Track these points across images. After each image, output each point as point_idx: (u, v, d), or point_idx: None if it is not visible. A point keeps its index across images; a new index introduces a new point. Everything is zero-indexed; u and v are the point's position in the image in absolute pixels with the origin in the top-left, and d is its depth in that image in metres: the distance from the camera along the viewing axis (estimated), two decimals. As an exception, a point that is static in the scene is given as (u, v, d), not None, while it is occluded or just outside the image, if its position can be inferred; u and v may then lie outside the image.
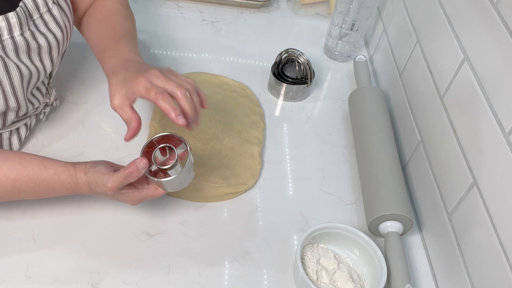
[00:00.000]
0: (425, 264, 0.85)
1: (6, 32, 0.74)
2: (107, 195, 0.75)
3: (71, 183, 0.74)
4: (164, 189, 0.75)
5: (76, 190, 0.75)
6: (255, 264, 0.80)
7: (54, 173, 0.74)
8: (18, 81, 0.77)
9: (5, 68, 0.75)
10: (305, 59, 1.06)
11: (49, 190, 0.75)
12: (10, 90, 0.77)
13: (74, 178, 0.74)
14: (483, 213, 0.70)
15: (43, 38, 0.79)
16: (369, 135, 0.94)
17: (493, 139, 0.69)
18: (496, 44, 0.70)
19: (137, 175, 0.72)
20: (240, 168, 0.90)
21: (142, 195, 0.75)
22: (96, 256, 0.77)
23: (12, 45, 0.75)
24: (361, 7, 1.11)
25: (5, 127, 0.84)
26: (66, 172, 0.74)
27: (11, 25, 0.74)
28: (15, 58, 0.76)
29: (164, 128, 0.93)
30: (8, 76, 0.75)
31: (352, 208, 0.90)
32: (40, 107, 0.89)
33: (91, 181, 0.74)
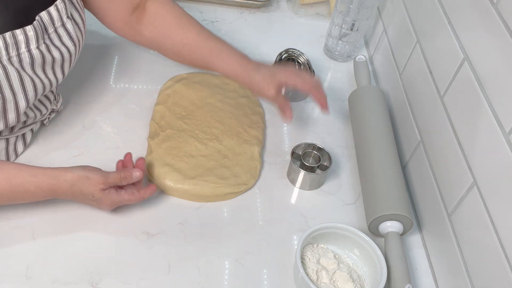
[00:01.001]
0: (425, 264, 0.85)
1: (24, 45, 0.74)
2: (89, 194, 0.75)
3: (49, 184, 0.74)
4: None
5: (54, 190, 0.75)
6: (255, 264, 0.80)
7: (31, 174, 0.74)
8: (32, 94, 0.77)
9: (21, 82, 0.75)
10: (305, 59, 1.05)
11: (25, 193, 0.74)
12: (25, 103, 0.77)
13: (54, 178, 0.74)
14: (483, 213, 0.70)
15: (57, 52, 0.80)
16: (369, 135, 0.94)
17: (493, 139, 0.69)
18: (496, 44, 0.70)
19: (129, 181, 0.78)
20: (240, 168, 0.90)
21: (121, 197, 0.78)
22: (96, 256, 0.77)
23: (29, 58, 0.75)
24: (361, 7, 1.11)
25: (13, 133, 0.84)
26: (43, 172, 0.74)
27: (28, 38, 0.74)
28: (31, 72, 0.77)
29: (164, 129, 0.93)
30: (23, 89, 0.76)
31: (352, 208, 0.90)
32: (47, 113, 0.90)
33: (78, 176, 0.74)
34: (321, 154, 0.92)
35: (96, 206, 0.79)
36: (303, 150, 0.93)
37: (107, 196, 0.77)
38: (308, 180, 0.90)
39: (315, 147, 0.93)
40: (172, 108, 0.97)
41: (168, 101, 0.99)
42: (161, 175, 0.86)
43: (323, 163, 0.91)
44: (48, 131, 0.93)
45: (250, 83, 0.89)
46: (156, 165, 0.88)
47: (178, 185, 0.86)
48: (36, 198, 0.76)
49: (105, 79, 1.05)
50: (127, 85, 1.05)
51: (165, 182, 0.86)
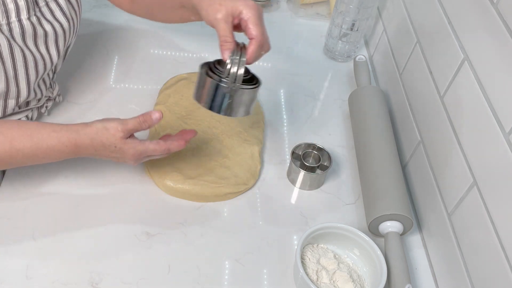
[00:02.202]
0: (425, 264, 0.85)
1: (14, 15, 0.74)
2: (111, 144, 0.74)
3: (70, 139, 0.73)
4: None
5: (76, 145, 0.74)
6: (255, 264, 0.80)
7: (52, 130, 0.73)
8: (21, 64, 0.77)
9: (11, 51, 0.75)
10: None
11: (48, 149, 0.73)
12: (12, 73, 0.77)
13: (75, 133, 0.73)
14: (483, 213, 0.70)
15: (49, 26, 0.80)
16: (369, 135, 0.94)
17: (493, 139, 0.69)
18: (496, 44, 0.70)
19: (149, 124, 0.75)
20: (240, 168, 0.90)
21: (145, 146, 0.75)
22: (96, 256, 0.77)
23: (19, 29, 0.75)
24: (361, 7, 1.11)
25: (5, 117, 0.84)
26: (64, 128, 0.74)
27: (19, 7, 0.74)
28: (21, 43, 0.76)
29: (164, 128, 0.93)
30: (12, 59, 0.76)
31: (352, 208, 0.90)
32: (42, 100, 0.89)
33: (97, 129, 0.73)
34: (321, 154, 0.92)
35: (121, 158, 0.77)
36: (303, 150, 0.93)
37: (129, 145, 0.74)
38: (308, 180, 0.90)
39: (315, 147, 0.93)
40: (172, 108, 0.97)
41: (168, 101, 0.99)
42: (161, 175, 0.86)
43: (323, 163, 0.91)
44: (48, 131, 0.93)
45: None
46: (156, 165, 0.88)
47: (178, 185, 0.86)
48: (59, 156, 0.75)
49: (105, 79, 1.05)
50: (127, 85, 1.05)
51: (165, 182, 0.86)
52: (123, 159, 0.77)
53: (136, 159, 0.77)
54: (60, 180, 0.86)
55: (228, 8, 0.74)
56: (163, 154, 0.78)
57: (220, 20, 0.74)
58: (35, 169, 0.85)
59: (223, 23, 0.74)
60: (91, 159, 0.89)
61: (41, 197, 0.83)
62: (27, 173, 0.85)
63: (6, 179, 0.84)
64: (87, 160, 0.89)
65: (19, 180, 0.84)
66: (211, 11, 0.74)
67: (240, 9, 0.74)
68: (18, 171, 0.85)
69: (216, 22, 0.74)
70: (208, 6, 0.74)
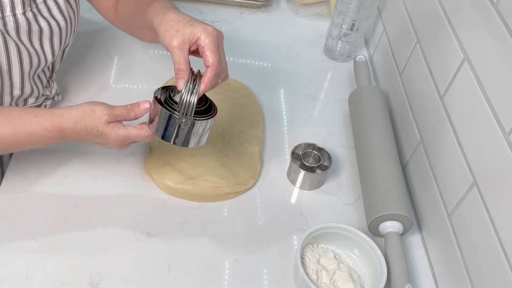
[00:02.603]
0: (425, 264, 0.85)
1: (9, 9, 0.74)
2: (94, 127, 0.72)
3: (53, 123, 0.72)
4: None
5: (60, 130, 0.72)
6: (255, 264, 0.80)
7: (35, 115, 0.72)
8: (15, 59, 0.77)
9: (5, 45, 0.75)
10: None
11: (30, 135, 0.72)
12: (6, 67, 0.76)
13: (59, 117, 0.72)
14: (483, 213, 0.70)
15: (45, 23, 0.79)
16: (369, 135, 0.94)
17: (493, 139, 0.69)
18: (496, 44, 0.70)
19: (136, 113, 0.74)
20: (240, 168, 0.90)
21: (128, 131, 0.73)
22: (96, 256, 0.77)
23: (13, 23, 0.75)
24: (361, 7, 1.11)
25: None
26: (48, 112, 0.72)
27: (14, 2, 0.74)
28: (16, 37, 0.76)
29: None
30: (7, 53, 0.75)
31: (352, 208, 0.90)
32: (41, 98, 0.89)
33: (84, 112, 0.72)
34: (321, 154, 0.92)
35: (104, 143, 0.75)
36: (303, 150, 0.93)
37: (112, 129, 0.73)
38: (308, 180, 0.90)
39: (315, 147, 0.93)
40: (172, 108, 0.97)
41: (168, 101, 0.99)
42: (161, 175, 0.86)
43: (323, 163, 0.91)
44: (48, 131, 0.93)
45: (161, 21, 0.72)
46: (156, 165, 0.88)
47: (178, 185, 0.86)
48: (43, 141, 0.73)
49: (104, 78, 1.05)
50: (126, 85, 1.05)
51: (165, 182, 0.86)
52: (107, 145, 0.75)
53: (120, 145, 0.75)
54: (60, 180, 0.86)
55: (185, 34, 0.71)
56: (148, 138, 0.75)
57: (175, 47, 0.71)
58: (35, 169, 0.85)
59: (177, 51, 0.71)
60: (91, 158, 0.89)
61: (41, 197, 0.83)
62: (27, 173, 0.85)
63: (6, 179, 0.84)
64: (87, 160, 0.89)
65: (19, 180, 0.84)
66: (167, 37, 0.71)
67: (197, 36, 0.71)
68: (18, 171, 0.85)
69: (171, 49, 0.71)
70: (165, 31, 0.72)
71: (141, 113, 0.74)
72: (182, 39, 0.70)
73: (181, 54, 0.71)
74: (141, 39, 0.93)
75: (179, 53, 0.71)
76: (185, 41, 0.71)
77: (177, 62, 0.71)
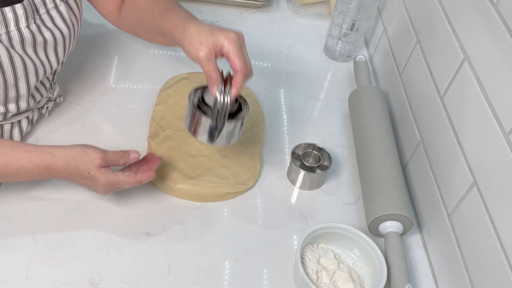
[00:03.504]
0: (425, 264, 0.85)
1: (13, 23, 0.74)
2: (85, 169, 0.73)
3: (43, 160, 0.72)
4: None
5: (49, 167, 0.73)
6: (255, 264, 0.80)
7: (25, 150, 0.73)
8: (21, 72, 0.77)
9: (10, 59, 0.75)
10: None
11: (19, 169, 0.72)
12: (13, 81, 0.77)
13: (50, 155, 0.73)
14: (483, 213, 0.70)
15: (49, 33, 0.80)
16: (369, 135, 0.94)
17: (493, 139, 0.69)
18: (496, 44, 0.70)
19: (126, 160, 0.77)
20: (240, 168, 0.90)
21: (117, 178, 0.75)
22: (96, 256, 0.77)
23: (18, 37, 0.75)
24: (361, 7, 1.11)
25: (6, 119, 0.84)
26: (38, 149, 0.73)
27: (17, 16, 0.74)
28: (21, 50, 0.76)
29: (163, 128, 0.93)
30: (13, 67, 0.76)
31: (352, 208, 0.90)
32: (43, 101, 0.90)
33: (76, 153, 0.73)
34: (321, 154, 0.92)
35: (91, 186, 0.76)
36: (303, 150, 0.93)
37: (103, 174, 0.74)
38: (308, 180, 0.90)
39: (315, 147, 0.93)
40: (172, 108, 0.97)
41: (168, 101, 0.99)
42: (161, 175, 0.86)
43: (323, 163, 0.91)
44: (48, 131, 0.93)
45: (183, 35, 0.75)
46: (156, 165, 0.88)
47: (178, 185, 0.86)
48: (30, 176, 0.74)
49: (105, 79, 1.05)
50: (127, 85, 1.05)
51: (165, 182, 0.86)
52: (94, 188, 0.76)
53: (107, 189, 0.76)
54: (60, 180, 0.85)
55: (209, 45, 0.73)
56: (135, 184, 0.77)
57: (203, 60, 0.73)
58: (35, 169, 0.85)
59: (206, 62, 0.74)
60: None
61: (41, 197, 0.83)
62: (27, 173, 0.85)
63: (6, 179, 0.84)
64: (87, 160, 0.89)
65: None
66: (193, 51, 0.74)
67: (220, 44, 0.73)
68: (18, 171, 0.85)
69: (199, 61, 0.74)
70: (190, 45, 0.74)
71: (131, 161, 0.78)
72: (208, 50, 0.73)
73: (210, 64, 0.74)
74: (151, 41, 0.94)
75: (208, 64, 0.74)
76: (211, 51, 0.73)
77: (208, 72, 0.74)
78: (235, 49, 0.74)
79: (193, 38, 0.74)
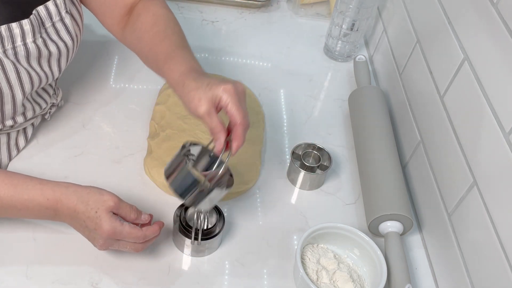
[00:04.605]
0: (425, 264, 0.85)
1: (20, 39, 0.74)
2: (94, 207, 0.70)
3: (55, 192, 0.70)
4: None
5: (58, 201, 0.70)
6: (255, 264, 0.80)
7: (39, 182, 0.71)
8: (28, 86, 0.77)
9: (17, 74, 0.75)
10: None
11: (28, 200, 0.70)
12: (21, 96, 0.77)
13: (64, 188, 0.71)
14: (483, 213, 0.70)
15: (54, 46, 0.80)
16: (369, 135, 0.94)
17: (493, 139, 0.69)
18: (496, 44, 0.70)
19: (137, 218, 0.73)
20: (240, 168, 0.90)
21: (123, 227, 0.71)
22: (96, 256, 0.77)
23: (24, 52, 0.76)
24: (361, 7, 1.11)
25: (14, 128, 0.84)
26: (52, 183, 0.71)
27: (24, 32, 0.74)
28: (26, 64, 0.77)
29: (163, 128, 0.93)
30: (20, 83, 0.76)
31: (352, 208, 0.90)
32: (47, 107, 0.90)
33: (90, 190, 0.70)
34: (321, 154, 0.92)
35: (92, 230, 0.70)
36: (303, 150, 0.93)
37: (110, 219, 0.69)
38: (308, 180, 0.90)
39: (315, 147, 0.93)
40: (172, 108, 0.97)
41: (168, 101, 0.99)
42: (161, 175, 0.86)
43: (323, 163, 0.91)
44: (48, 131, 0.93)
45: (183, 93, 0.74)
46: (156, 165, 0.88)
47: (178, 185, 0.85)
48: (38, 209, 0.71)
49: (105, 79, 1.05)
50: (127, 85, 1.05)
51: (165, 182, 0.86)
52: (94, 233, 0.70)
53: (107, 238, 0.70)
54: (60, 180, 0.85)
55: (208, 100, 0.71)
56: (137, 241, 0.72)
57: (203, 115, 0.72)
58: (35, 169, 0.85)
59: (207, 117, 0.72)
60: (91, 159, 0.89)
61: (41, 197, 0.83)
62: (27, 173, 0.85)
63: (6, 179, 0.84)
64: (87, 160, 0.89)
65: (19, 180, 0.84)
66: (192, 108, 0.72)
67: (219, 97, 0.71)
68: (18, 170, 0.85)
69: (200, 117, 0.72)
70: (189, 103, 0.73)
71: (140, 221, 0.73)
72: (207, 106, 0.71)
73: (212, 119, 0.72)
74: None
75: (209, 119, 0.72)
76: (210, 106, 0.71)
77: (211, 127, 0.72)
78: (234, 102, 0.71)
79: (192, 95, 0.72)
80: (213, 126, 0.72)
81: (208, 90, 0.71)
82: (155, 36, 0.83)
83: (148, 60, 0.85)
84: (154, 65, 0.83)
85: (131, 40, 0.88)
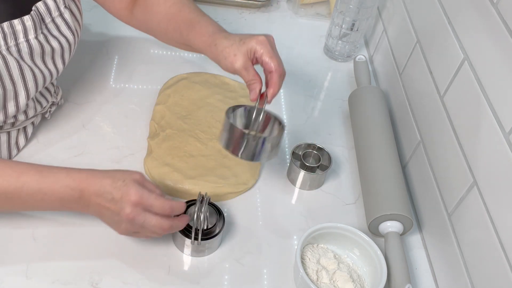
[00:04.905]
0: (425, 264, 0.85)
1: (22, 35, 0.75)
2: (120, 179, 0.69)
3: (81, 173, 0.69)
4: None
5: (85, 179, 0.69)
6: (255, 264, 0.80)
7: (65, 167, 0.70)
8: (32, 84, 0.77)
9: (21, 71, 0.75)
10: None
11: (53, 182, 0.68)
12: (24, 94, 0.77)
13: (91, 171, 0.70)
14: (483, 213, 0.70)
15: (56, 42, 0.80)
16: (369, 135, 0.94)
17: (493, 139, 0.69)
18: (496, 44, 0.70)
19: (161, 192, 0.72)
20: (240, 168, 0.90)
21: (149, 194, 0.69)
22: (96, 256, 0.77)
23: (27, 49, 0.76)
24: (361, 7, 1.11)
25: (15, 127, 0.84)
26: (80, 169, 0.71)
27: (26, 28, 0.75)
28: (30, 62, 0.77)
29: (163, 128, 0.93)
30: (23, 79, 0.76)
31: (352, 208, 0.90)
32: (48, 106, 0.90)
33: (118, 170, 0.70)
34: (321, 154, 0.92)
35: (119, 199, 0.68)
36: (303, 150, 0.93)
37: (138, 186, 0.68)
38: (308, 180, 0.90)
39: (315, 147, 0.93)
40: (172, 108, 0.97)
41: (168, 101, 0.99)
42: (161, 175, 0.86)
43: (323, 163, 0.91)
44: (48, 130, 0.93)
45: (216, 52, 0.77)
46: (156, 165, 0.88)
47: (178, 185, 0.86)
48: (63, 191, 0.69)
49: (105, 79, 1.05)
50: (127, 85, 1.05)
51: (165, 182, 0.86)
52: (120, 205, 0.69)
53: (134, 205, 0.68)
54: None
55: (243, 54, 0.76)
56: (164, 212, 0.70)
57: (241, 70, 0.76)
58: (35, 169, 0.85)
59: (244, 71, 0.76)
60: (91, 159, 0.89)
61: (41, 197, 0.83)
62: (27, 173, 0.85)
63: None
64: (87, 160, 0.89)
65: (19, 180, 0.84)
66: (229, 64, 0.76)
67: (253, 49, 0.76)
68: (18, 171, 0.85)
69: (238, 72, 0.77)
70: (225, 59, 0.77)
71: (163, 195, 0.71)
72: (243, 60, 0.76)
73: (248, 72, 0.76)
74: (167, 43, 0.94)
75: (246, 73, 0.76)
76: (246, 59, 0.76)
77: (248, 79, 0.76)
78: (267, 51, 0.76)
79: (226, 52, 0.76)
80: (250, 79, 0.76)
81: (242, 45, 0.76)
82: (172, 7, 0.86)
83: (168, 32, 0.87)
84: (176, 34, 0.85)
85: (143, 19, 0.90)
